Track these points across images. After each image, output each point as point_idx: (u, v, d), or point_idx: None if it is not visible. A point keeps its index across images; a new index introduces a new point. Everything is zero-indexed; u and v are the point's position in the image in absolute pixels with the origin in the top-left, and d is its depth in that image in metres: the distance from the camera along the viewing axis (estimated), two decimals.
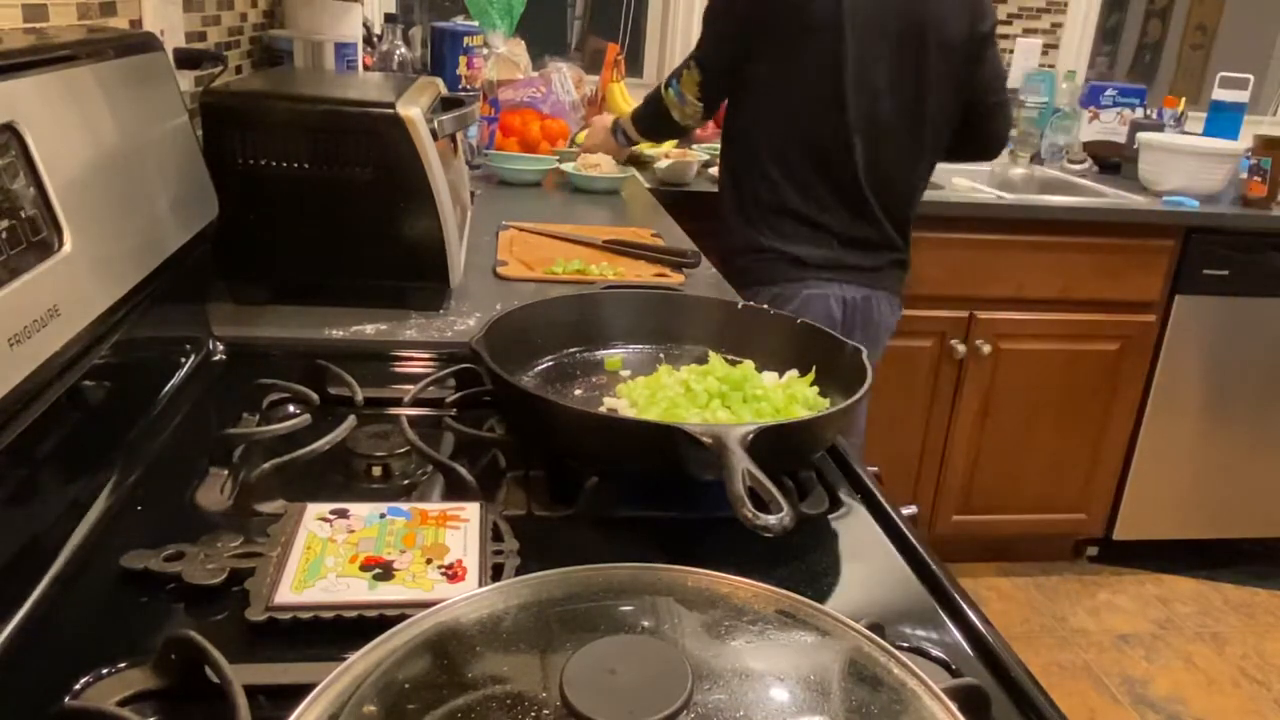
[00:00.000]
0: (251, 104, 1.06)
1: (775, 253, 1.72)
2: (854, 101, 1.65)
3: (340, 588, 0.58)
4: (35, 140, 0.63)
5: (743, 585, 0.49)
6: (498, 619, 0.46)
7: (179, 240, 0.85)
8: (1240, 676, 2.29)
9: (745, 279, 1.69)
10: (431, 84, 1.24)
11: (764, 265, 1.73)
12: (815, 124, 1.68)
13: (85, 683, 0.51)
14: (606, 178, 1.96)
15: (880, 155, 1.70)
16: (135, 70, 0.84)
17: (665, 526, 0.73)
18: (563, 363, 0.97)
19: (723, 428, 0.69)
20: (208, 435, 0.80)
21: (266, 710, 0.48)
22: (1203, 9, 3.20)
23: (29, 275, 0.59)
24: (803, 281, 1.72)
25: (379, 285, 1.14)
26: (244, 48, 1.76)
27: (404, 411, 0.88)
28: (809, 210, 1.70)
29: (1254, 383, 2.49)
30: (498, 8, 2.19)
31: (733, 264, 1.71)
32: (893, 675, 0.43)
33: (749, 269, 1.73)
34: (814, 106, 1.67)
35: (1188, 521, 2.63)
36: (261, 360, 0.97)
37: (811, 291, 1.72)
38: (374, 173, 1.06)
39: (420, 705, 0.40)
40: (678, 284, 1.34)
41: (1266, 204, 2.39)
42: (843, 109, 1.65)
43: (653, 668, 0.39)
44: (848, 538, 0.75)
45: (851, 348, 0.89)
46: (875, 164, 1.70)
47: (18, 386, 0.56)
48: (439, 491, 0.75)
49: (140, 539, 0.63)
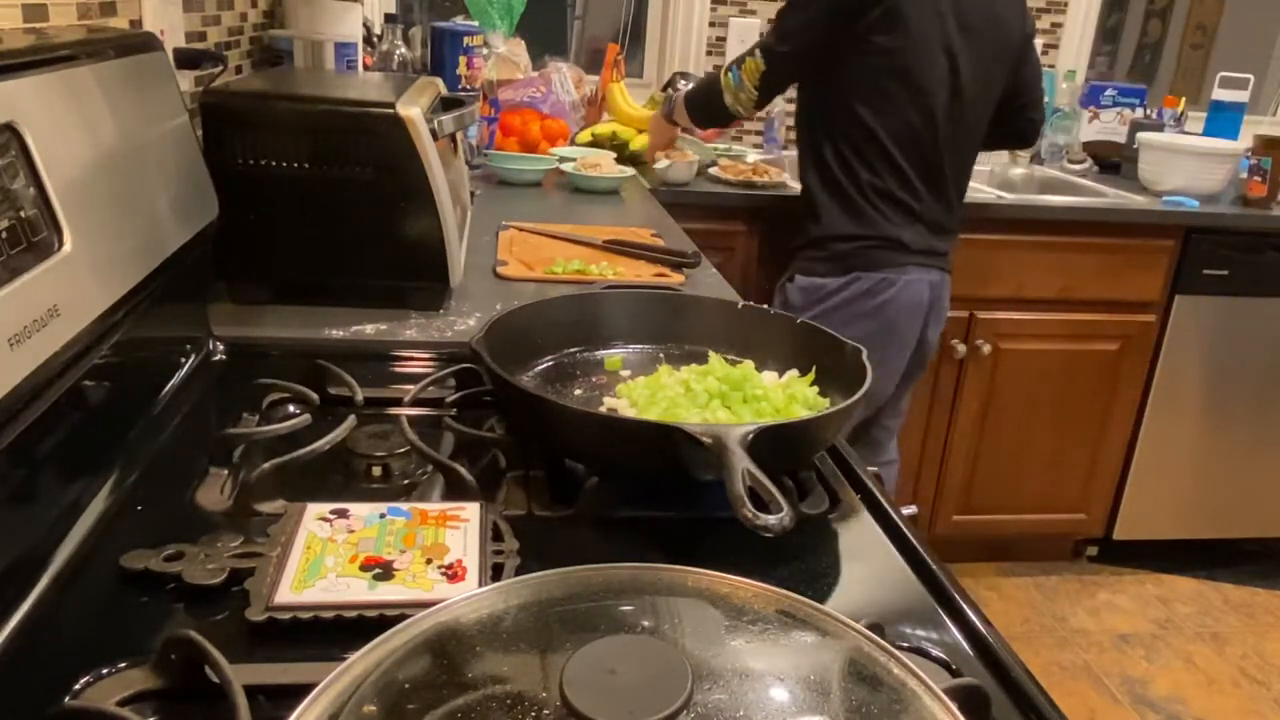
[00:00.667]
0: (251, 104, 1.06)
1: (879, 239, 1.74)
2: (940, 88, 1.70)
3: (340, 588, 0.58)
4: (35, 140, 0.63)
5: (743, 585, 0.49)
6: (498, 619, 0.46)
7: (179, 240, 0.85)
8: (1240, 676, 2.28)
9: (845, 265, 1.74)
10: (431, 84, 1.24)
11: (868, 251, 1.74)
12: (910, 109, 1.71)
13: (85, 683, 0.51)
14: (606, 178, 1.96)
15: (956, 142, 1.76)
16: (135, 70, 0.84)
17: (665, 526, 0.73)
18: (563, 363, 0.97)
19: (723, 428, 0.69)
20: (208, 435, 0.80)
21: (266, 710, 0.48)
22: (1203, 9, 3.20)
23: (29, 275, 0.59)
24: (904, 268, 1.76)
25: (379, 285, 1.14)
26: (244, 48, 1.76)
27: (404, 411, 0.88)
28: (905, 195, 1.74)
29: (1254, 383, 2.49)
30: (498, 8, 2.19)
31: (828, 249, 1.75)
32: (893, 675, 0.43)
33: (851, 255, 1.74)
34: (910, 92, 1.69)
35: (1188, 521, 2.63)
36: (261, 360, 0.97)
37: (910, 277, 1.76)
38: (374, 173, 1.06)
39: (420, 705, 0.40)
40: (678, 284, 1.34)
41: (1266, 204, 2.39)
42: (932, 94, 1.70)
43: (653, 668, 0.39)
44: (848, 538, 0.75)
45: (851, 348, 0.89)
46: (953, 151, 1.76)
47: (18, 386, 0.56)
48: (439, 491, 0.75)
49: (140, 539, 0.63)
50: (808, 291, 1.78)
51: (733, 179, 2.21)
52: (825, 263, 1.76)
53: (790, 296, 1.80)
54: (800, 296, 1.78)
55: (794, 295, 1.79)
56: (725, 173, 2.24)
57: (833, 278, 1.76)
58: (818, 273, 1.77)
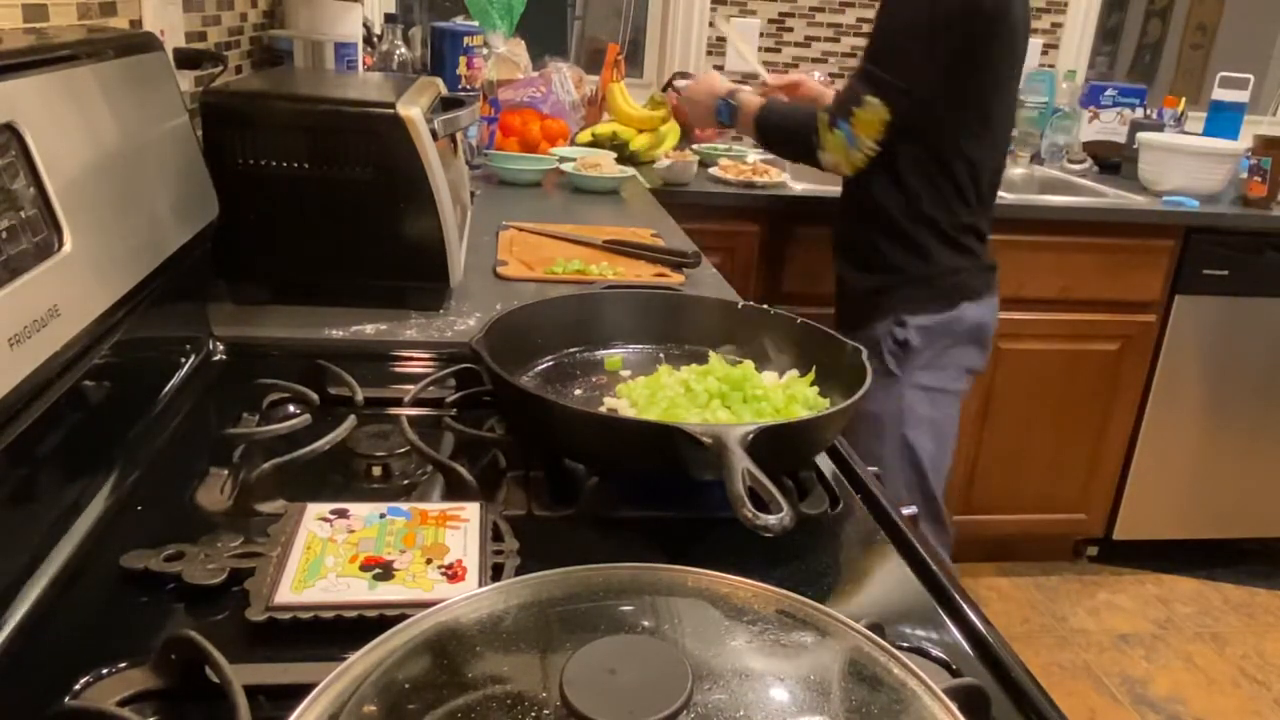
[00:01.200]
0: (251, 104, 1.06)
1: (979, 265, 1.70)
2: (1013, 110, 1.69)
3: (340, 588, 0.58)
4: (35, 140, 0.63)
5: (743, 585, 0.49)
6: (498, 619, 0.46)
7: (179, 240, 0.85)
8: (1240, 676, 2.28)
9: (953, 298, 1.67)
10: (431, 84, 1.24)
11: (971, 278, 1.69)
12: (1003, 134, 1.68)
13: (85, 683, 0.51)
14: (606, 178, 1.96)
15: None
16: (135, 70, 0.84)
17: (665, 526, 0.73)
18: (563, 363, 0.97)
19: (723, 428, 0.69)
20: (208, 435, 0.80)
21: (266, 710, 0.48)
22: (1203, 9, 3.20)
23: (29, 275, 0.59)
24: (993, 290, 1.74)
25: (379, 285, 1.14)
26: (244, 48, 1.76)
27: (404, 411, 0.88)
28: (987, 222, 1.72)
29: (1254, 383, 2.49)
30: (498, 8, 2.19)
31: (936, 285, 1.67)
32: (893, 675, 0.43)
33: (958, 286, 1.68)
34: (1005, 117, 1.66)
35: (1188, 521, 2.63)
36: (261, 360, 0.97)
37: (996, 299, 1.75)
38: (374, 173, 1.06)
39: (420, 705, 0.40)
40: (678, 284, 1.34)
41: (1266, 204, 2.38)
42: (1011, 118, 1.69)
43: (653, 668, 0.39)
44: (848, 538, 0.75)
45: (851, 348, 0.89)
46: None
47: (18, 386, 0.56)
48: (439, 491, 0.75)
49: (140, 539, 0.63)
50: (927, 330, 1.67)
51: (733, 179, 2.21)
52: (936, 299, 1.67)
53: (910, 339, 1.67)
54: (920, 337, 1.67)
55: (914, 337, 1.66)
56: (725, 173, 2.24)
57: (947, 312, 1.67)
58: (930, 310, 1.67)
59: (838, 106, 1.55)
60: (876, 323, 1.70)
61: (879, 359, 1.66)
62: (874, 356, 1.60)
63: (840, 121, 1.53)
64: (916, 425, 1.69)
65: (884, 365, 1.67)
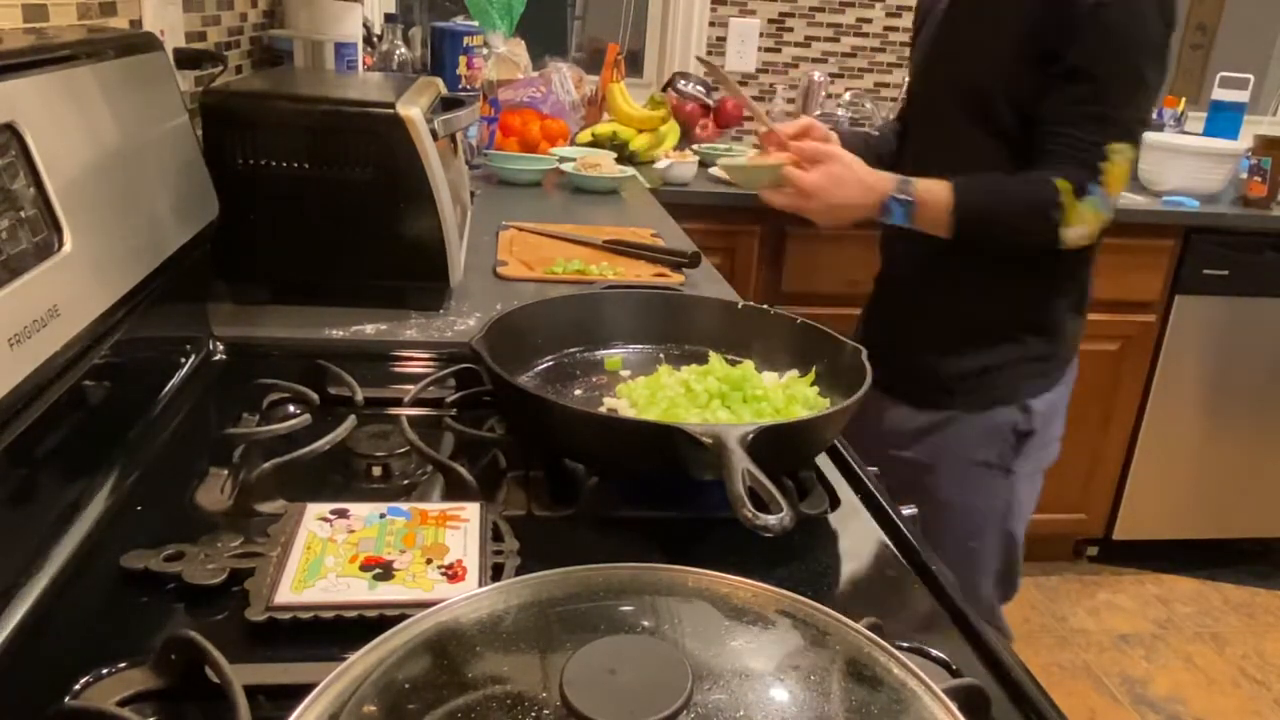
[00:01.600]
0: (251, 104, 1.06)
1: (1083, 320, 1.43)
2: None
3: (340, 588, 0.58)
4: (35, 140, 0.63)
5: (743, 585, 0.49)
6: (498, 619, 0.46)
7: (179, 240, 0.85)
8: (1240, 676, 2.28)
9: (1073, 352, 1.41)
10: (431, 84, 1.24)
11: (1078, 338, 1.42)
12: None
13: (85, 683, 0.51)
14: (606, 178, 1.96)
15: None
16: (135, 70, 0.84)
17: (665, 526, 0.73)
18: (563, 363, 0.97)
19: (723, 428, 0.69)
20: (208, 435, 0.80)
21: (266, 710, 0.48)
22: (1203, 9, 3.19)
23: (29, 275, 0.59)
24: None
25: (379, 285, 1.14)
26: (244, 48, 1.76)
27: (404, 411, 0.88)
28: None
29: (1254, 383, 2.49)
30: (498, 8, 2.19)
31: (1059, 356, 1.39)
32: (893, 675, 0.43)
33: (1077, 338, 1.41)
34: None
35: (1188, 521, 2.63)
36: (261, 360, 0.97)
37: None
38: (374, 173, 1.06)
39: (420, 705, 0.40)
40: (678, 284, 1.34)
41: (1266, 204, 2.39)
42: None
43: (653, 668, 0.39)
44: (848, 538, 0.75)
45: (851, 348, 0.89)
46: None
47: (18, 386, 0.56)
48: (439, 491, 0.75)
49: (140, 539, 0.63)
50: (1052, 406, 1.40)
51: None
52: (1061, 366, 1.40)
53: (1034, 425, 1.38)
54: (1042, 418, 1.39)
55: (1037, 422, 1.38)
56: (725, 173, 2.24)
57: (1067, 375, 1.41)
58: (1054, 379, 1.39)
59: (1081, 169, 1.19)
60: (982, 412, 1.37)
61: (987, 449, 1.38)
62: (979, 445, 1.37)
63: (1090, 186, 1.20)
64: (1021, 517, 1.45)
65: (998, 460, 1.38)
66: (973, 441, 1.38)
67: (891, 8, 2.76)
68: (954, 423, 1.39)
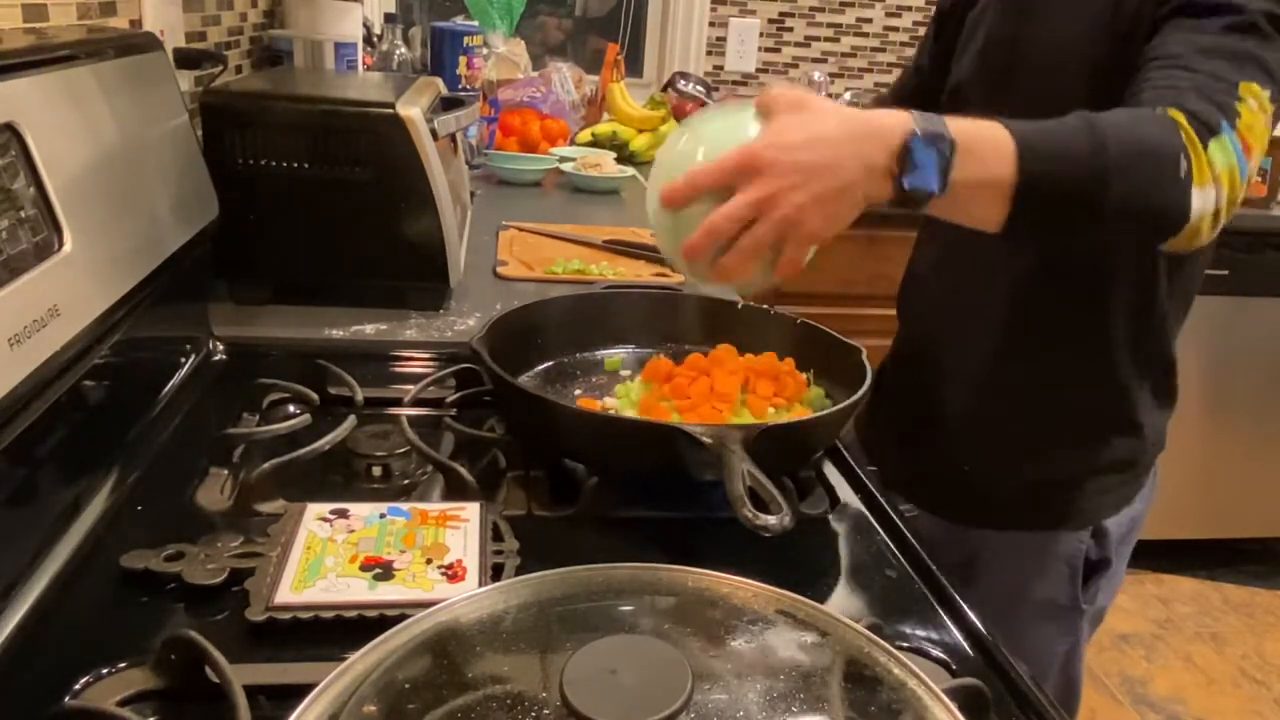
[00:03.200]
0: (251, 104, 1.06)
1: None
2: None
3: (340, 588, 0.58)
4: (35, 140, 0.63)
5: (743, 585, 0.49)
6: (498, 619, 0.46)
7: (179, 240, 0.85)
8: (1240, 676, 2.28)
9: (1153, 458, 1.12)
10: (431, 84, 1.24)
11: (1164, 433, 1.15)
12: None
13: (85, 683, 0.51)
14: (606, 178, 1.96)
15: None
16: (135, 70, 0.84)
17: (665, 526, 0.73)
18: (563, 363, 0.97)
19: (723, 428, 0.69)
20: (208, 435, 0.80)
21: (266, 710, 0.48)
22: None
23: (29, 275, 0.59)
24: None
25: (379, 285, 1.14)
26: (244, 48, 1.76)
27: (404, 411, 0.88)
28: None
29: (1254, 383, 2.49)
30: (498, 8, 2.19)
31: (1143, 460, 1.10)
32: (893, 675, 0.43)
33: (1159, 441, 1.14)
34: None
35: (1188, 521, 2.62)
36: (261, 360, 0.97)
37: None
38: (374, 173, 1.06)
39: (420, 705, 0.40)
40: (678, 284, 1.34)
41: (1266, 204, 2.39)
42: None
43: (653, 668, 0.39)
44: (848, 538, 0.75)
45: (851, 347, 0.89)
46: None
47: (18, 386, 0.56)
48: (439, 491, 0.75)
49: (140, 539, 0.63)
50: (1130, 527, 1.11)
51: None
52: (1140, 476, 1.09)
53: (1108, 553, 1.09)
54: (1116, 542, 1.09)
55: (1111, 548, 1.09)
56: None
57: (1146, 485, 1.10)
58: (1133, 492, 1.08)
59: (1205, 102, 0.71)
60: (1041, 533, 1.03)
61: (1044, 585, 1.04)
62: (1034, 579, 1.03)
63: (1220, 123, 0.71)
64: (1084, 655, 1.13)
65: (1060, 598, 1.05)
66: (1025, 575, 1.03)
67: (891, 8, 2.76)
68: (998, 550, 1.03)
